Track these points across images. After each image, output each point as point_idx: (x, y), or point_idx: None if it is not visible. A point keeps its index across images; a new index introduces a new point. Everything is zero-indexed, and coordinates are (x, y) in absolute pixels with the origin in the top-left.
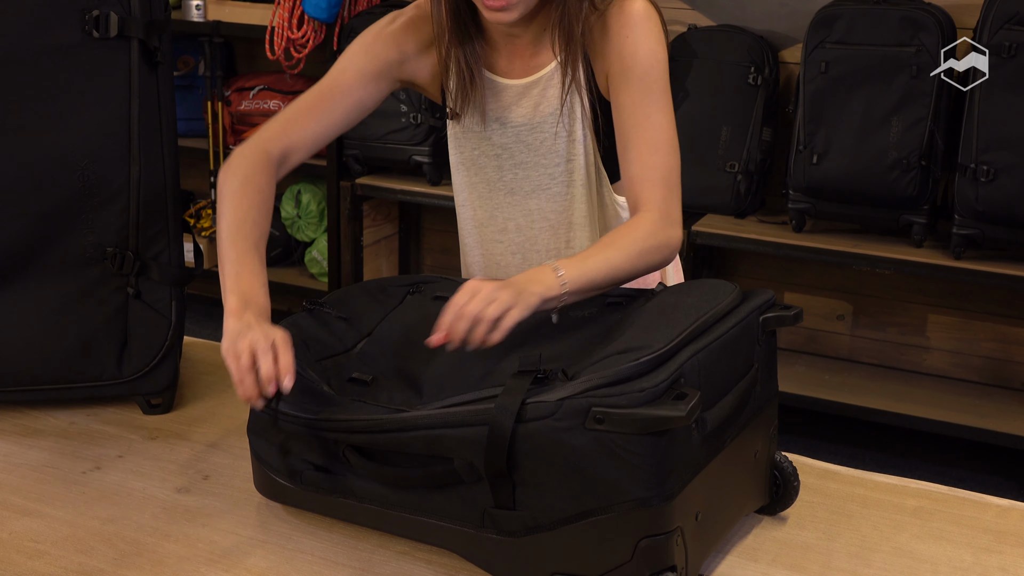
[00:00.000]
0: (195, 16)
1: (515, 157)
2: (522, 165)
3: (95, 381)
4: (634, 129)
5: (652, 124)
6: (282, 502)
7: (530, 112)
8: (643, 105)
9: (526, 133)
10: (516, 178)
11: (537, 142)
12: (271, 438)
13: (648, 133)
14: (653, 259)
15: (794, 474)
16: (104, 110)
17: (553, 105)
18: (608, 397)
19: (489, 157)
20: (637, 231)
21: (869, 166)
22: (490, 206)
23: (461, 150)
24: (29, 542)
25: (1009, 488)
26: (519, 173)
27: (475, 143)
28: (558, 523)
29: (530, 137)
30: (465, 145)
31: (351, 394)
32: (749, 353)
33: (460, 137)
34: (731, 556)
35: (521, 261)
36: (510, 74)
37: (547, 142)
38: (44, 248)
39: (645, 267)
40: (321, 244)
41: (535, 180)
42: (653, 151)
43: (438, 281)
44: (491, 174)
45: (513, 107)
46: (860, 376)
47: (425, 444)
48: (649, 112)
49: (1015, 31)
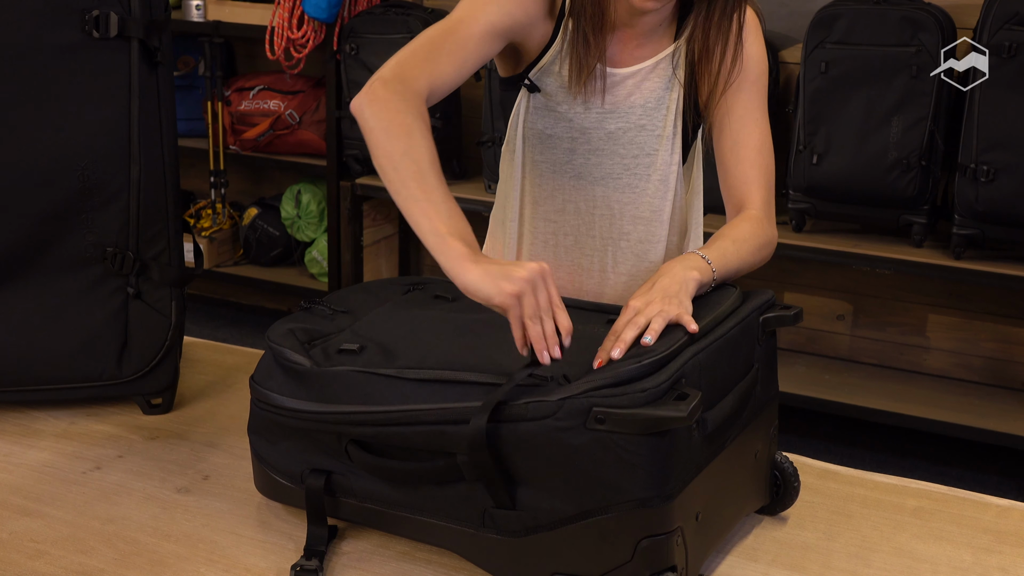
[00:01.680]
0: (195, 16)
1: (592, 143)
2: (596, 152)
3: (95, 381)
4: (743, 131)
5: (760, 128)
6: (283, 502)
7: (621, 100)
8: (753, 109)
9: (612, 121)
10: (587, 163)
11: (620, 132)
12: (272, 437)
13: (756, 136)
14: (765, 255)
15: (794, 474)
16: (104, 110)
17: (646, 97)
18: (609, 397)
19: (563, 138)
20: (752, 227)
21: (869, 166)
22: (551, 186)
23: (532, 124)
24: (29, 542)
25: (1009, 488)
26: (591, 159)
27: (551, 120)
28: (558, 523)
29: (614, 125)
30: (538, 120)
31: (339, 363)
32: (749, 353)
33: (534, 112)
34: (731, 556)
35: (572, 243)
36: (616, 62)
37: (630, 132)
38: (44, 248)
39: (759, 262)
40: (321, 244)
41: (607, 168)
42: (758, 153)
43: (440, 283)
44: (560, 155)
45: (608, 94)
46: (860, 376)
47: (427, 439)
48: (757, 116)
49: (1015, 31)
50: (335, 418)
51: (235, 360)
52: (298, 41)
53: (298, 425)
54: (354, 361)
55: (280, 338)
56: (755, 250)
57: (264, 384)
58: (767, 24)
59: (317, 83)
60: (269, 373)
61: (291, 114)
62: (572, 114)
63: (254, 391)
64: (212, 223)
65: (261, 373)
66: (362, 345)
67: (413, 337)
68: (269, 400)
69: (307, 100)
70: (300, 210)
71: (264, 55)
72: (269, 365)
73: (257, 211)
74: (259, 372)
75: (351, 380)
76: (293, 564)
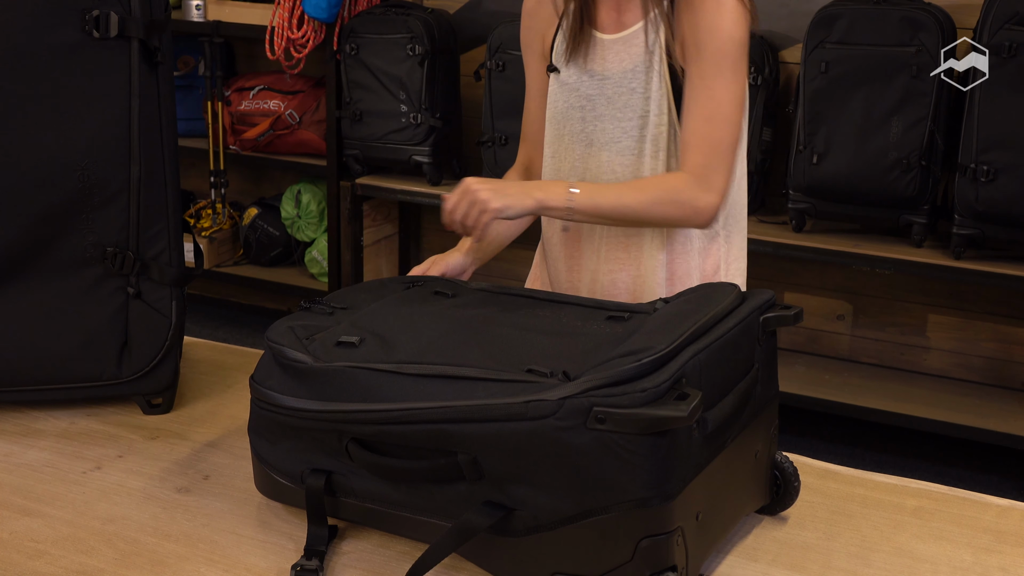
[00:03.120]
0: (195, 16)
1: (596, 109)
2: (600, 117)
3: (95, 381)
4: (694, 100)
5: (712, 96)
6: (283, 502)
7: (615, 65)
8: (708, 78)
9: (609, 86)
10: (595, 130)
11: (616, 95)
12: (272, 437)
13: (706, 104)
14: (670, 213)
15: (795, 474)
16: (104, 110)
17: (635, 61)
18: (610, 397)
19: (575, 109)
20: (663, 183)
21: (869, 166)
22: (572, 157)
23: (555, 104)
24: (29, 542)
25: (1009, 488)
26: (597, 125)
27: (567, 96)
28: (559, 523)
29: (611, 90)
30: (559, 99)
31: (338, 358)
32: (750, 353)
33: (556, 92)
34: (731, 556)
35: None
36: (606, 28)
37: (623, 96)
38: (44, 248)
39: (660, 218)
40: (321, 244)
41: (609, 133)
42: (706, 120)
43: (439, 280)
44: (575, 125)
45: (601, 60)
46: (860, 376)
47: (428, 438)
48: (713, 85)
49: (1015, 31)
50: (335, 416)
51: (235, 360)
52: (298, 41)
53: (298, 424)
54: (353, 355)
55: (279, 336)
56: (652, 203)
57: (264, 383)
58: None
59: (317, 83)
60: (269, 372)
61: (291, 114)
62: (579, 83)
63: (254, 390)
64: (212, 223)
65: (261, 372)
66: (361, 338)
67: (412, 330)
68: (269, 399)
69: (307, 100)
70: (300, 210)
71: (264, 55)
72: (268, 364)
73: (257, 211)
74: (259, 371)
75: (350, 376)
76: (293, 564)
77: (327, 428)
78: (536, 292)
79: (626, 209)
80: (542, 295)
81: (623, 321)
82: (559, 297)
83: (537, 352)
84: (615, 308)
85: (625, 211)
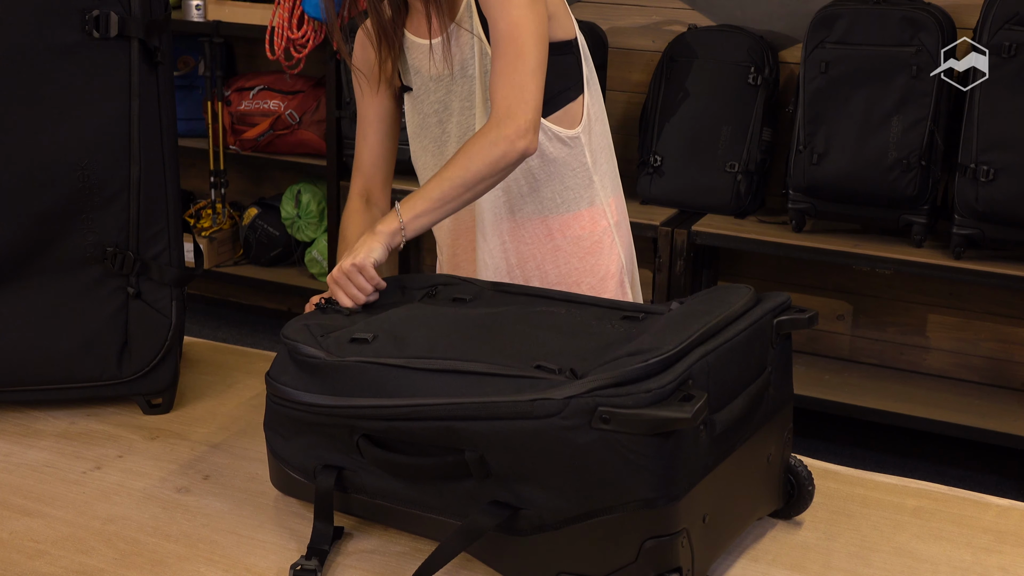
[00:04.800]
0: (195, 16)
1: (449, 109)
2: (452, 112)
3: (95, 381)
4: (493, 47)
5: (503, 35)
6: (296, 497)
7: (452, 60)
8: (497, 19)
9: (451, 83)
10: (460, 127)
11: (462, 89)
12: (286, 433)
13: (498, 44)
14: (490, 156)
15: (808, 478)
16: (104, 110)
17: (463, 53)
18: (614, 397)
19: (430, 116)
20: (471, 141)
21: (869, 166)
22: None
23: (411, 120)
24: (29, 542)
25: (1009, 488)
26: (461, 120)
27: (420, 108)
28: (564, 522)
29: (455, 86)
30: (414, 115)
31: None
32: (762, 356)
33: (410, 110)
34: (731, 556)
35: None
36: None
37: (466, 85)
38: (44, 248)
39: (486, 168)
40: (321, 244)
41: (466, 123)
42: (501, 58)
43: (458, 284)
44: (435, 130)
45: (440, 62)
46: (860, 376)
47: (436, 435)
48: (498, 24)
49: (1015, 31)
50: (346, 412)
51: (235, 360)
52: (298, 41)
53: (311, 420)
54: (364, 351)
55: (294, 333)
56: (467, 162)
57: (279, 379)
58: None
59: (317, 83)
60: (283, 368)
61: (291, 114)
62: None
63: (269, 386)
64: (212, 223)
65: (276, 368)
66: (374, 335)
67: (425, 327)
68: (283, 395)
69: (307, 100)
70: (300, 210)
71: (264, 55)
72: (284, 361)
73: (257, 211)
74: (274, 368)
75: (361, 371)
76: (293, 563)
77: (339, 424)
78: (551, 292)
79: (453, 186)
80: (557, 295)
81: (637, 321)
82: (575, 297)
83: (547, 349)
84: (630, 308)
85: (453, 189)
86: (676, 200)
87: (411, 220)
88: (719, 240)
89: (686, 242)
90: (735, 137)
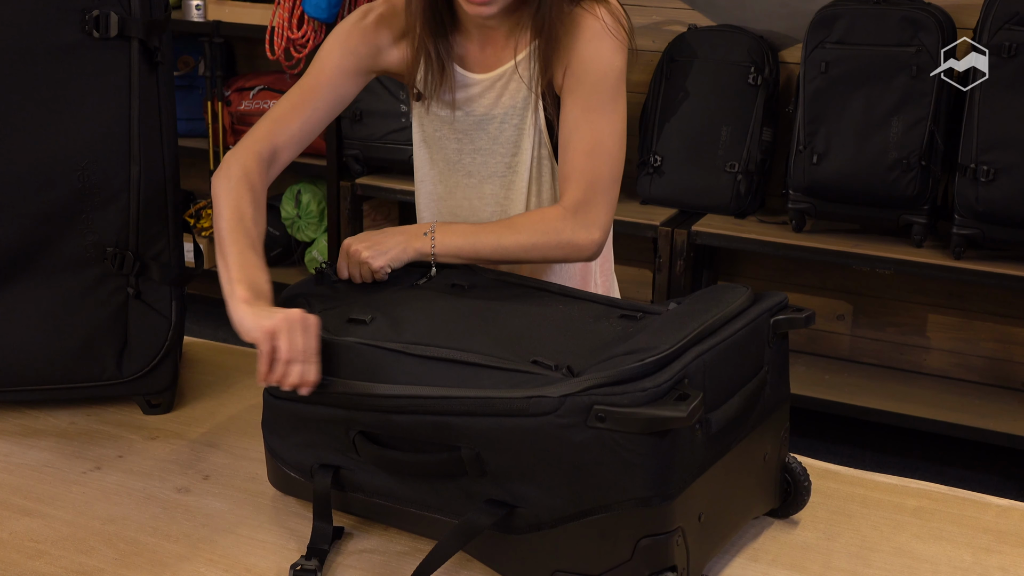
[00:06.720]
0: (195, 16)
1: (475, 143)
2: (480, 151)
3: (95, 381)
4: (574, 132)
5: (593, 129)
6: (294, 495)
7: (492, 103)
8: (589, 111)
9: (487, 123)
10: (474, 162)
11: (497, 131)
12: (283, 431)
13: (586, 136)
14: (551, 254)
15: (805, 477)
16: (104, 110)
17: (515, 98)
18: (610, 396)
19: (450, 140)
20: (541, 222)
21: (869, 166)
22: (450, 183)
23: (424, 128)
24: (29, 542)
25: (1009, 488)
26: (477, 158)
27: (438, 125)
28: (559, 521)
29: (490, 126)
30: (428, 125)
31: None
32: (758, 355)
33: (424, 117)
34: (730, 555)
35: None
36: (479, 67)
37: (505, 132)
38: (44, 248)
39: (541, 258)
40: (321, 244)
41: (491, 167)
42: (586, 154)
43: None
44: (451, 155)
45: (478, 99)
46: (860, 376)
47: (432, 430)
48: (593, 118)
49: (1015, 31)
50: (341, 399)
51: (235, 360)
52: (298, 41)
53: (307, 413)
54: (362, 332)
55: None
56: (530, 245)
57: None
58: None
59: None
60: None
61: None
62: (451, 118)
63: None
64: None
65: None
66: (372, 316)
67: (423, 312)
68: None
69: None
70: (300, 210)
71: (264, 55)
72: None
73: None
74: None
75: (357, 353)
76: (293, 563)
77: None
78: (551, 285)
79: (505, 252)
80: (555, 288)
81: (635, 320)
82: (574, 292)
83: (545, 345)
84: (628, 307)
85: (505, 253)
86: (676, 200)
87: (442, 254)
88: (719, 240)
89: (686, 242)
90: (735, 137)
